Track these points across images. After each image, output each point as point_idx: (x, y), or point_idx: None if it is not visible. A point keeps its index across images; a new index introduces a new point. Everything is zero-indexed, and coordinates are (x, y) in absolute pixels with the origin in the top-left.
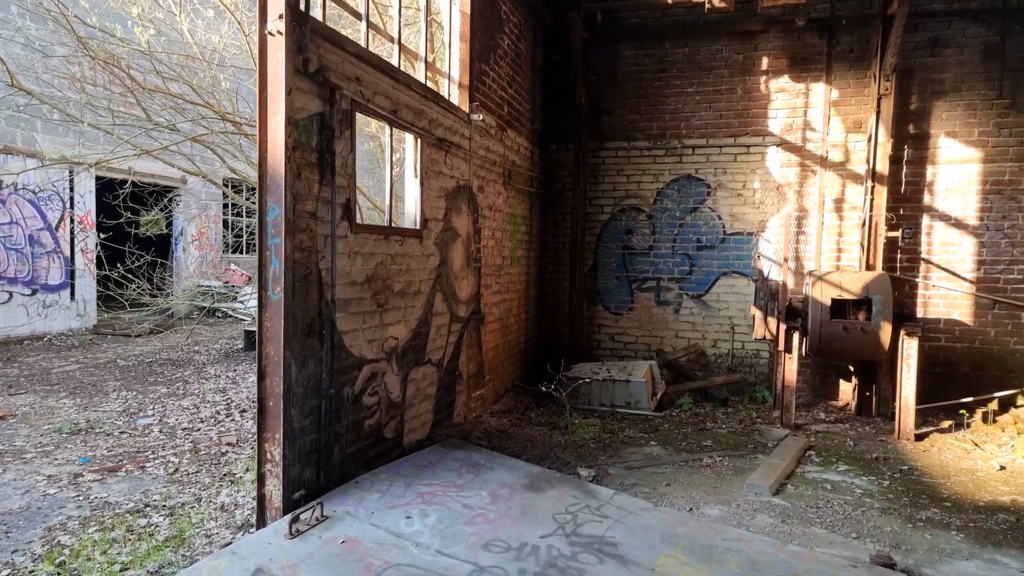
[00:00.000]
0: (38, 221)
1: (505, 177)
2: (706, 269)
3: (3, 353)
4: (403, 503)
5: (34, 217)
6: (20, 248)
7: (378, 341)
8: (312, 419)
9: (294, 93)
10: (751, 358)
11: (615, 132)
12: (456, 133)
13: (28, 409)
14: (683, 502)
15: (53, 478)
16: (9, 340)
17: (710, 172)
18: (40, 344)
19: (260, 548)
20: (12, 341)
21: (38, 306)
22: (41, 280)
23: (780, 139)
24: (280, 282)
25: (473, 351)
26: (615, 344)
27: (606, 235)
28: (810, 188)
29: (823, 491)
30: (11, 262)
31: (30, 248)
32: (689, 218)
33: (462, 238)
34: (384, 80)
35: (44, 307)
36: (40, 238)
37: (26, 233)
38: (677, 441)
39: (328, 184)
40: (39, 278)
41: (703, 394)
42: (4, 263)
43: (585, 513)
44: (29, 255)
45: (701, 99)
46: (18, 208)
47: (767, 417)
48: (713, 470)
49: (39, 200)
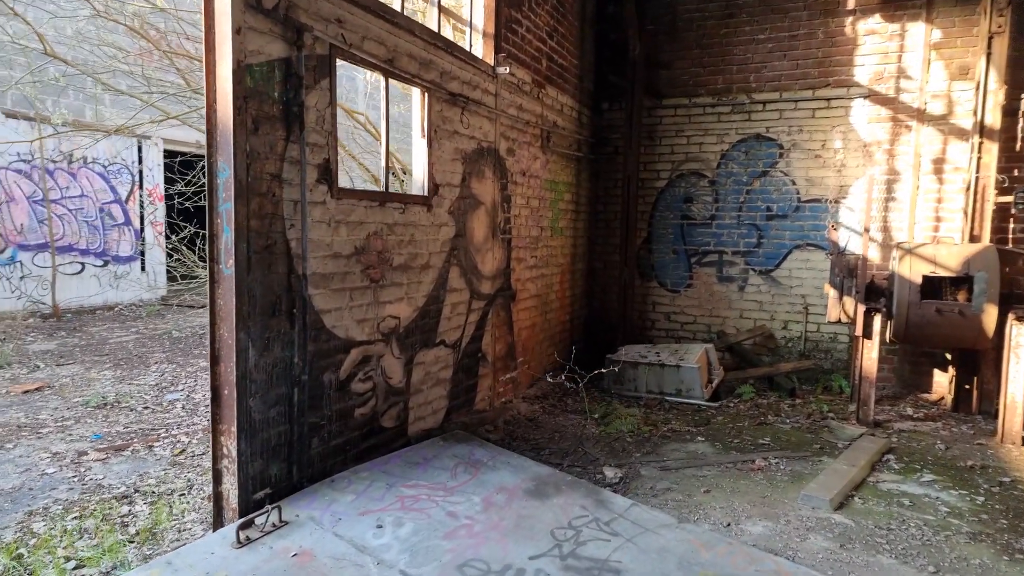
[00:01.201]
0: (108, 194)
1: (543, 139)
2: (776, 241)
3: (74, 322)
4: (378, 508)
5: (104, 190)
6: (91, 221)
7: (371, 321)
8: (280, 409)
9: (245, 33)
10: (827, 342)
11: (674, 88)
12: (477, 88)
13: (67, 380)
14: (720, 515)
15: (58, 456)
16: (82, 309)
17: (783, 130)
18: (110, 314)
19: (200, 558)
20: (84, 311)
21: (110, 277)
22: (112, 252)
23: (868, 90)
24: (232, 254)
25: (501, 331)
26: (671, 324)
27: (662, 204)
28: (903, 147)
29: (898, 507)
30: (83, 234)
31: (101, 220)
32: (757, 183)
33: (485, 206)
34: (376, 23)
35: (115, 278)
36: (111, 211)
37: (97, 206)
38: (728, 437)
39: (297, 141)
40: (110, 250)
41: (768, 382)
42: (77, 235)
43: (591, 528)
44: (100, 227)
45: (774, 47)
46: (89, 182)
47: (841, 411)
48: (765, 475)
49: (109, 173)
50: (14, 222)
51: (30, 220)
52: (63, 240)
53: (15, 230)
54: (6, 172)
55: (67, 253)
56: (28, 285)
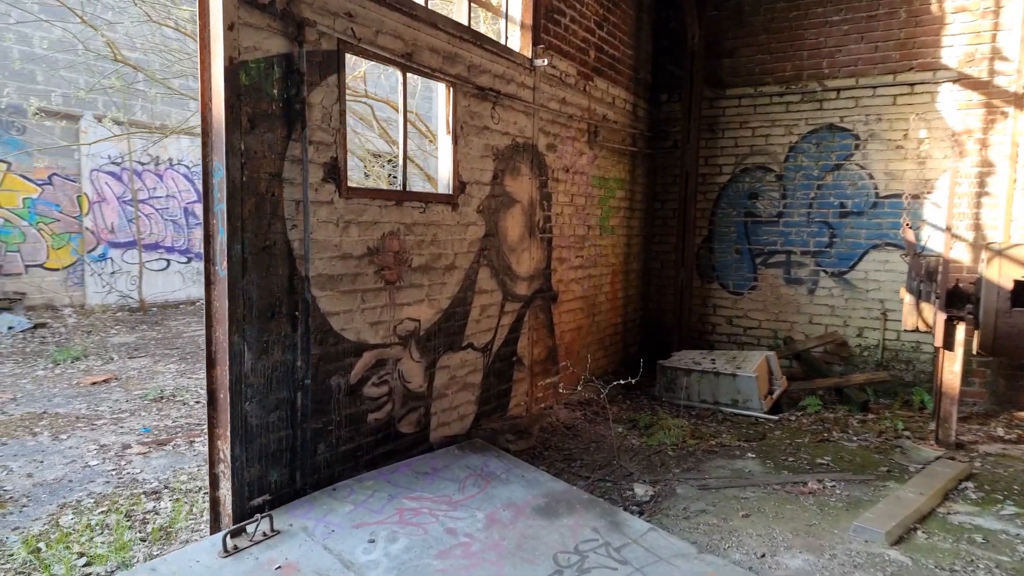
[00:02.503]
0: (192, 194)
1: (590, 134)
2: (851, 240)
3: (156, 316)
4: (375, 520)
5: (188, 190)
6: (176, 219)
7: (387, 323)
8: (281, 414)
9: (239, 29)
10: (909, 352)
11: (738, 77)
12: (511, 82)
13: (134, 373)
14: (755, 543)
15: (104, 448)
16: (167, 304)
17: (859, 120)
18: (191, 309)
19: (184, 567)
20: (169, 305)
21: (192, 273)
22: (195, 249)
23: (957, 73)
24: (226, 255)
25: (540, 334)
26: (733, 329)
27: (725, 200)
28: (997, 135)
29: (968, 544)
30: (168, 232)
31: (185, 219)
32: (830, 178)
33: (521, 205)
34: (392, 16)
35: (198, 274)
36: (194, 210)
37: (181, 205)
38: (782, 455)
39: (299, 140)
40: (193, 247)
41: (838, 394)
42: (162, 233)
43: (599, 554)
44: (184, 226)
45: (850, 28)
46: (174, 182)
47: (919, 430)
48: (816, 499)
49: (192, 174)
50: (105, 221)
51: (120, 219)
52: (150, 238)
53: (106, 229)
54: (98, 174)
55: (153, 250)
56: (118, 280)
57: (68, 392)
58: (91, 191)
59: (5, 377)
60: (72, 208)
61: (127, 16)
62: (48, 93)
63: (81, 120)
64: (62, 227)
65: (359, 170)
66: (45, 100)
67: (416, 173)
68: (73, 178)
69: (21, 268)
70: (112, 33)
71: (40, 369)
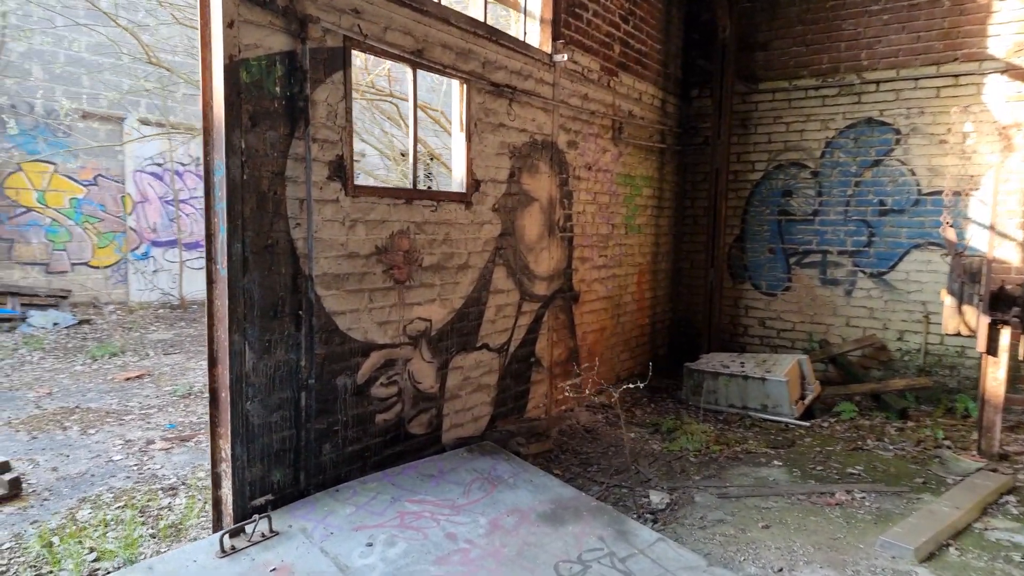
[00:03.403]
0: None
1: (615, 131)
2: (891, 240)
3: (196, 313)
4: (374, 524)
5: None
6: None
7: (396, 323)
8: (284, 413)
9: (239, 26)
10: (953, 357)
11: (771, 70)
12: (529, 78)
13: (167, 369)
14: (773, 556)
15: (129, 443)
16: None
17: (900, 113)
18: None
19: (180, 566)
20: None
21: None
22: None
23: (1005, 64)
24: (226, 254)
25: (561, 334)
26: (766, 331)
27: (757, 198)
28: None
29: (1005, 563)
30: None
31: None
32: (869, 174)
33: (539, 203)
34: (400, 12)
35: None
36: None
37: None
38: (811, 463)
39: (302, 138)
40: None
41: (875, 400)
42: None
43: (603, 564)
44: None
45: (890, 18)
46: None
47: (961, 440)
48: (843, 511)
49: None
50: (148, 220)
51: (162, 218)
52: (190, 237)
53: (149, 228)
54: (141, 175)
55: (194, 249)
56: (159, 278)
57: (102, 387)
58: (134, 191)
59: (45, 372)
60: (116, 208)
61: (155, 18)
62: (95, 96)
63: (124, 122)
64: (107, 226)
65: (388, 169)
66: (92, 103)
67: (444, 173)
68: (117, 179)
69: (67, 266)
70: (148, 36)
71: (79, 364)
